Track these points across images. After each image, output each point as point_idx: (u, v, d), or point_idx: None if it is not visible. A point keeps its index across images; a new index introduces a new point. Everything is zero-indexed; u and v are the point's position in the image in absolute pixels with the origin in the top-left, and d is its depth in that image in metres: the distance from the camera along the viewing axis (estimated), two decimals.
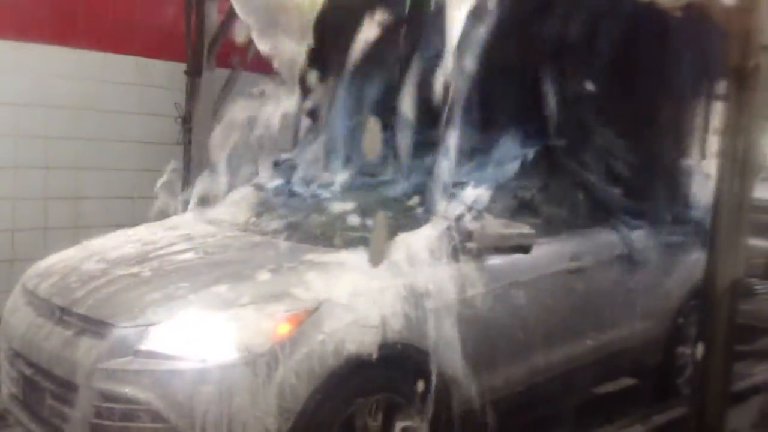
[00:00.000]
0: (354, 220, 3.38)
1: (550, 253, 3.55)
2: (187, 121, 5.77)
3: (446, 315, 3.01)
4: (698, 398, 3.34)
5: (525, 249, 3.22)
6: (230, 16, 5.26)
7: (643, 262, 4.01)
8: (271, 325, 2.63)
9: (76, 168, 5.49)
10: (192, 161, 5.62)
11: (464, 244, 3.16)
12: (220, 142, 4.25)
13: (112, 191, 5.67)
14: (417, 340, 2.90)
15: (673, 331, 4.31)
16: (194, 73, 5.73)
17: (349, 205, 3.47)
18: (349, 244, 3.15)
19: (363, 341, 2.73)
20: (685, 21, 3.40)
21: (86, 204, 5.56)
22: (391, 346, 2.81)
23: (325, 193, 3.76)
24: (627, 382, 4.41)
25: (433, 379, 2.90)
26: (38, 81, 5.28)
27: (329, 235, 3.30)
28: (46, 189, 5.35)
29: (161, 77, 5.88)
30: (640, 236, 4.05)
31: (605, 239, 3.92)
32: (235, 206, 3.92)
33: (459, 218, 3.20)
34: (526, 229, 3.22)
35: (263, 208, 3.81)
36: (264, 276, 2.84)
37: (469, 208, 3.27)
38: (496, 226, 3.20)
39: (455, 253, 3.14)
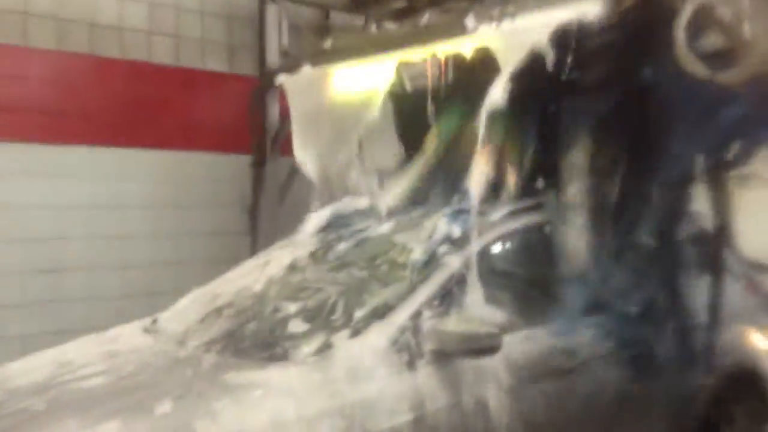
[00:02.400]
0: (296, 326, 2.94)
1: (537, 349, 3.07)
2: (253, 211, 5.91)
3: None
4: None
5: (492, 350, 2.77)
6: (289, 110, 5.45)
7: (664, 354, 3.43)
8: None
9: (153, 264, 5.68)
10: (259, 250, 5.74)
11: (421, 349, 2.74)
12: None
13: (186, 284, 5.80)
14: None
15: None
16: (259, 164, 5.92)
17: (294, 307, 3.07)
18: (282, 357, 2.74)
19: None
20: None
21: (162, 299, 5.70)
22: None
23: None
24: None
25: None
26: (110, 183, 5.55)
27: (263, 347, 2.88)
28: (122, 287, 5.54)
29: (228, 170, 6.09)
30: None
31: (602, 329, 3.35)
32: (184, 311, 3.52)
33: (415, 316, 2.80)
34: (492, 328, 2.80)
35: (212, 311, 3.37)
36: (164, 407, 2.42)
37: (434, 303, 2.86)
38: (457, 325, 2.79)
39: (411, 360, 2.71)
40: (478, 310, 2.95)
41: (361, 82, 4.67)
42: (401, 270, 3.08)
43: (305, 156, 4.77)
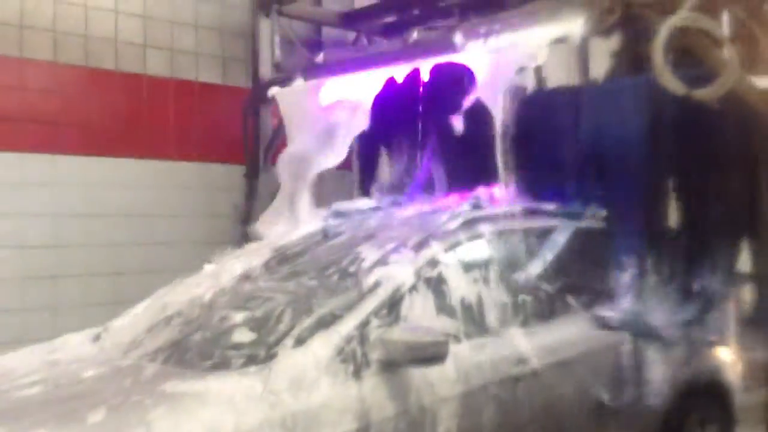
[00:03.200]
0: (241, 336, 2.90)
1: (489, 356, 3.04)
2: (246, 220, 6.02)
3: None
4: None
5: (439, 358, 2.75)
6: (282, 121, 5.58)
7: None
8: None
9: (147, 272, 5.77)
10: None
11: (367, 357, 2.70)
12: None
13: None
14: None
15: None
16: (252, 174, 6.03)
17: (240, 316, 3.03)
18: (224, 366, 2.70)
19: None
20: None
21: None
22: None
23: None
24: None
25: None
26: (106, 192, 5.65)
27: (206, 356, 2.83)
28: (116, 294, 5.63)
29: (221, 180, 6.20)
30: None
31: (564, 333, 3.36)
32: (133, 321, 3.45)
33: (362, 326, 2.77)
34: (438, 336, 2.78)
35: (160, 321, 3.30)
36: (97, 416, 2.36)
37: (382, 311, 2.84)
38: (403, 334, 2.75)
39: (357, 369, 2.67)
40: (428, 319, 2.94)
41: (352, 94, 4.81)
42: (351, 279, 3.05)
43: (295, 165, 4.90)
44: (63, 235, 5.44)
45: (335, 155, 4.75)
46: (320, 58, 5.52)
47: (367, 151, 5.02)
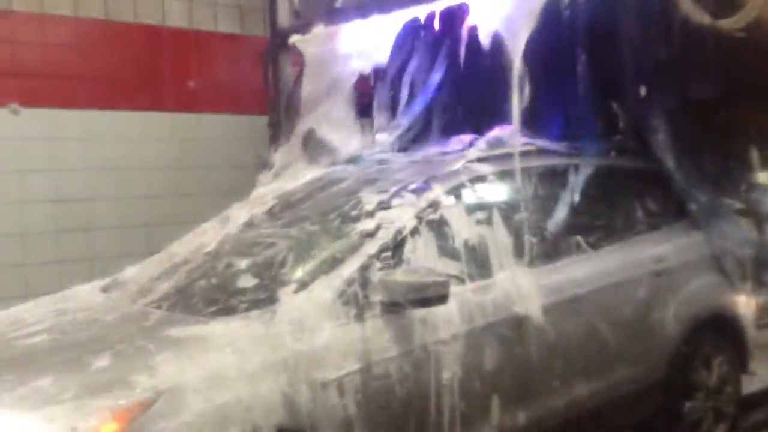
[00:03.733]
0: (244, 281, 2.92)
1: (493, 297, 3.02)
2: (270, 170, 6.09)
3: (347, 389, 2.58)
4: None
5: (441, 299, 2.75)
6: (303, 70, 5.58)
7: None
8: (91, 424, 2.18)
9: (176, 223, 5.88)
10: None
11: (369, 299, 2.71)
12: None
13: None
14: (305, 425, 2.49)
15: (674, 379, 3.60)
16: (275, 124, 6.07)
17: (244, 262, 3.04)
18: (228, 312, 2.72)
19: (224, 430, 2.32)
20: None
21: None
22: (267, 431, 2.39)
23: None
24: None
25: None
26: (137, 146, 5.74)
27: (210, 302, 2.85)
28: (148, 245, 5.76)
29: (245, 131, 6.25)
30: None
31: (571, 273, 3.33)
32: (142, 271, 3.46)
33: (363, 269, 2.77)
34: (439, 276, 2.77)
35: (168, 269, 3.31)
36: (102, 361, 2.40)
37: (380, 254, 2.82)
38: (404, 275, 2.76)
39: (359, 312, 2.69)
40: (431, 261, 2.92)
41: (373, 39, 4.80)
42: (353, 223, 3.02)
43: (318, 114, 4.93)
44: (95, 188, 5.57)
45: (353, 102, 4.76)
46: (339, 2, 5.48)
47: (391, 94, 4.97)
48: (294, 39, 5.42)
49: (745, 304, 3.86)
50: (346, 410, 2.58)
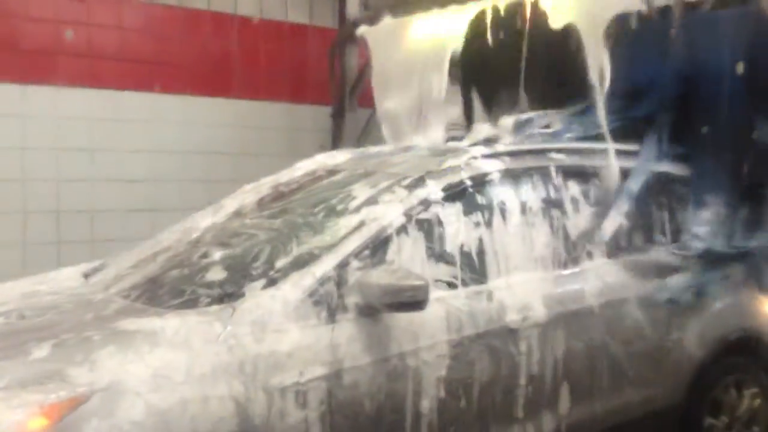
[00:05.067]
0: (215, 274, 2.71)
1: (487, 305, 2.79)
2: None
3: (309, 398, 2.36)
4: None
5: (418, 305, 2.51)
6: (369, 61, 5.58)
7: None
8: (16, 418, 2.02)
9: None
10: None
11: (344, 301, 2.50)
12: None
13: None
14: (259, 431, 2.28)
15: (694, 406, 3.33)
16: (338, 115, 6.09)
17: (220, 254, 2.85)
18: (190, 305, 2.52)
19: None
20: None
21: None
22: None
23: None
24: None
25: None
26: (201, 130, 5.83)
27: (177, 294, 2.66)
28: None
29: (308, 120, 6.29)
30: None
31: (580, 283, 3.07)
32: (126, 257, 3.28)
33: (341, 266, 2.55)
34: (417, 280, 2.52)
35: (148, 257, 3.13)
36: (43, 351, 2.23)
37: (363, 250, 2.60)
38: (380, 276, 2.51)
39: (331, 313, 2.48)
40: (418, 264, 2.70)
41: (442, 30, 4.75)
42: (337, 218, 2.81)
43: (386, 105, 4.91)
44: (159, 170, 5.67)
45: (425, 95, 4.72)
46: None
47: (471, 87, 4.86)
48: (362, 30, 5.43)
49: None
50: (307, 421, 2.36)
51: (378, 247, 2.66)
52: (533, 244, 3.00)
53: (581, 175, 3.29)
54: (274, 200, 3.29)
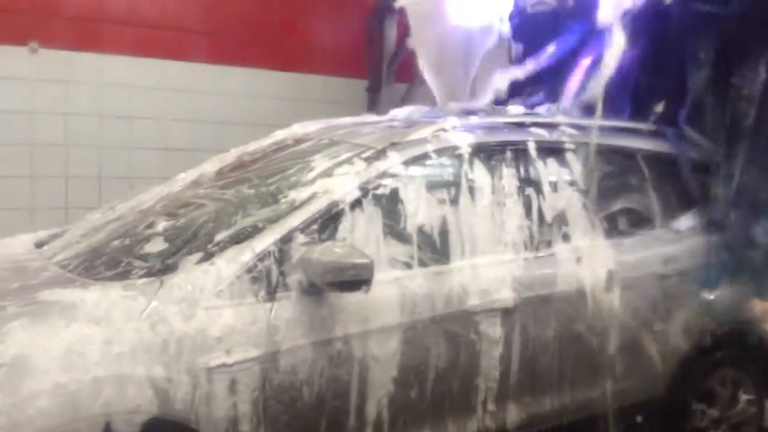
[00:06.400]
0: (154, 245, 2.54)
1: (446, 287, 2.61)
2: None
3: (240, 380, 2.21)
4: None
5: (362, 284, 2.34)
6: (408, 33, 5.58)
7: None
8: None
9: None
10: None
11: (286, 278, 2.33)
12: None
13: None
14: (184, 418, 2.13)
15: (676, 400, 3.17)
16: (374, 88, 6.11)
17: (165, 224, 2.69)
18: (121, 277, 2.36)
19: (73, 418, 1.97)
20: None
21: None
22: (129, 423, 2.04)
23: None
24: None
25: None
26: (240, 101, 5.89)
27: (113, 265, 2.50)
28: None
29: (344, 93, 6.31)
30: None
31: (551, 267, 2.86)
32: (82, 226, 3.10)
33: (284, 241, 2.37)
34: (361, 258, 2.33)
35: (98, 226, 2.99)
36: None
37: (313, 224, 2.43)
38: (323, 253, 2.32)
39: (270, 291, 2.31)
40: (373, 241, 2.52)
41: (482, 3, 4.72)
42: (290, 190, 2.63)
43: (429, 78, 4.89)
44: (198, 139, 5.75)
45: (466, 72, 4.71)
46: None
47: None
48: (401, 2, 5.42)
49: None
50: (237, 407, 2.21)
51: (328, 222, 2.48)
52: (503, 225, 2.80)
53: (562, 152, 3.08)
54: (234, 170, 3.11)
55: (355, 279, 2.31)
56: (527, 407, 2.79)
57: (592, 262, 2.94)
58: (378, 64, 6.09)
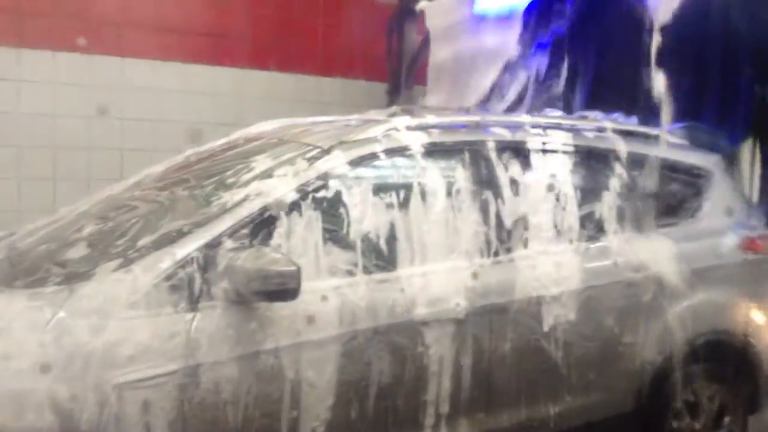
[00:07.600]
0: (76, 251, 2.40)
1: (391, 296, 2.45)
2: None
3: (154, 397, 2.05)
4: None
5: (288, 293, 2.19)
6: (428, 37, 5.58)
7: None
8: None
9: None
10: None
11: (210, 287, 2.18)
12: None
13: None
14: None
15: (648, 415, 2.98)
16: (394, 91, 6.10)
17: (91, 228, 2.57)
18: (36, 285, 2.19)
19: None
20: None
21: None
22: None
23: None
24: None
25: None
26: (260, 103, 5.90)
27: (31, 272, 2.34)
28: None
29: (364, 96, 6.30)
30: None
31: (509, 274, 2.68)
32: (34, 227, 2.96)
33: (209, 247, 2.22)
34: (288, 265, 2.17)
35: (39, 228, 2.87)
36: None
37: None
38: (248, 260, 2.16)
39: (192, 300, 2.15)
40: (311, 247, 2.36)
41: (503, 5, 4.71)
42: (224, 192, 2.48)
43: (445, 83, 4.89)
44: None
45: (484, 77, 4.69)
46: None
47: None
48: (422, 5, 5.42)
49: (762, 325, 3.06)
50: (150, 426, 2.05)
51: (260, 226, 2.31)
52: (458, 230, 2.63)
53: (524, 153, 2.89)
54: (177, 170, 2.96)
55: (281, 288, 2.16)
56: (481, 424, 2.61)
57: (553, 268, 2.76)
58: (398, 67, 6.08)
